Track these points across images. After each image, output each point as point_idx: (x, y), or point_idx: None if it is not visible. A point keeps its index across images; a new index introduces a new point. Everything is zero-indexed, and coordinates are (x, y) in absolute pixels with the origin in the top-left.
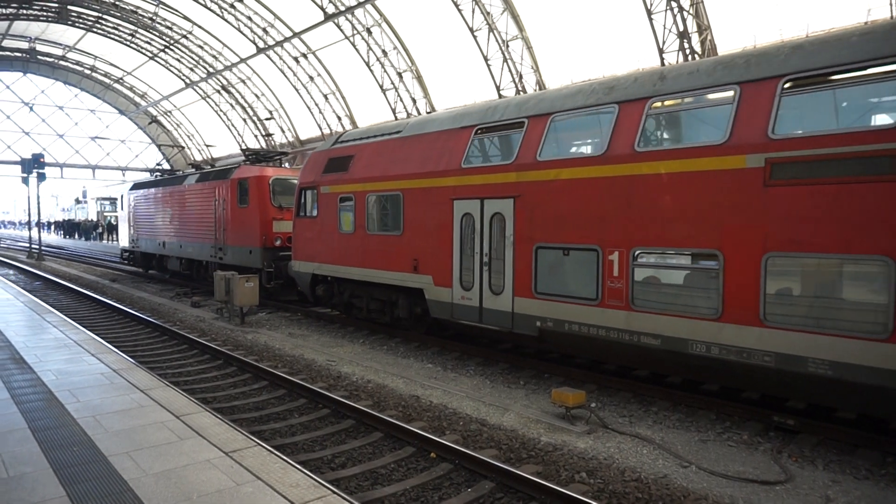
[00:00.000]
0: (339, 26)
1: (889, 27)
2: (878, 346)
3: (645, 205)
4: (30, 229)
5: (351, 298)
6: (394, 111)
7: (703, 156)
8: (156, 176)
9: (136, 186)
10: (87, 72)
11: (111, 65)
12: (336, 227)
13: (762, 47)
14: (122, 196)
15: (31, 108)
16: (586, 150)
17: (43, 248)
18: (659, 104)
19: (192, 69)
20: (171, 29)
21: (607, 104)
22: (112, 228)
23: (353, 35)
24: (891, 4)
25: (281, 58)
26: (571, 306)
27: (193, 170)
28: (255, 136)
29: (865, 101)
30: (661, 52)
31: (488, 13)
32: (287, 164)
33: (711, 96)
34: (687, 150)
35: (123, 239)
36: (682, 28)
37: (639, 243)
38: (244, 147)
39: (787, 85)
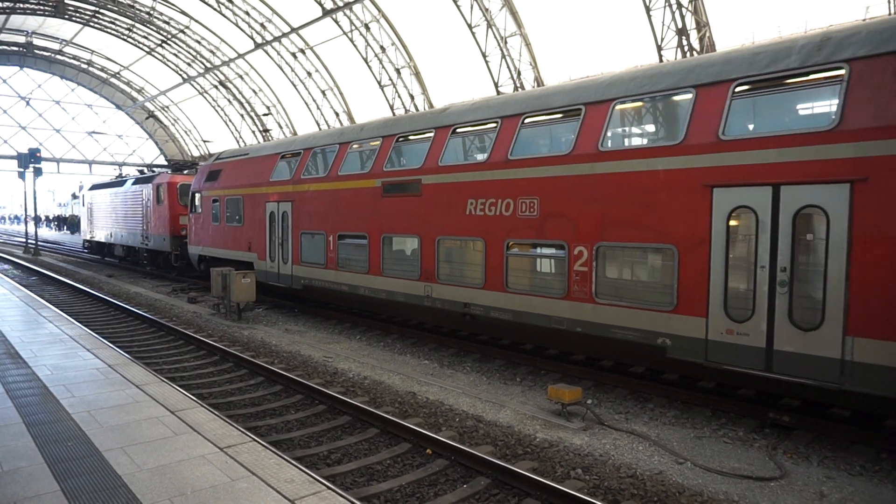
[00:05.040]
0: (337, 22)
1: (435, 112)
2: (415, 284)
3: (342, 207)
4: (26, 224)
5: None
6: (392, 107)
7: (361, 179)
8: (111, 178)
9: (93, 188)
10: (84, 66)
11: (108, 59)
12: (210, 221)
13: (399, 116)
14: (82, 195)
15: (27, 103)
16: (322, 173)
17: (39, 243)
18: (355, 146)
19: (189, 64)
20: (168, 24)
21: (336, 143)
22: None
23: (352, 31)
24: (889, 1)
25: (279, 53)
26: (315, 269)
27: (135, 174)
28: (253, 132)
29: (411, 150)
30: (659, 48)
31: (487, 9)
32: None
33: (373, 143)
34: (354, 175)
35: (85, 231)
36: (680, 25)
37: (340, 230)
38: (170, 159)
39: (396, 141)
